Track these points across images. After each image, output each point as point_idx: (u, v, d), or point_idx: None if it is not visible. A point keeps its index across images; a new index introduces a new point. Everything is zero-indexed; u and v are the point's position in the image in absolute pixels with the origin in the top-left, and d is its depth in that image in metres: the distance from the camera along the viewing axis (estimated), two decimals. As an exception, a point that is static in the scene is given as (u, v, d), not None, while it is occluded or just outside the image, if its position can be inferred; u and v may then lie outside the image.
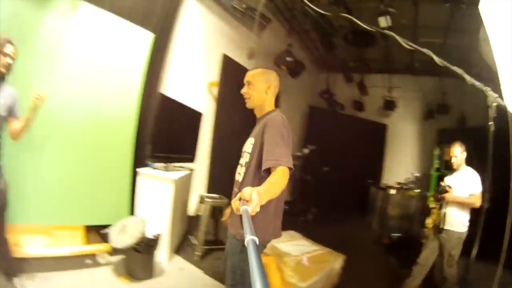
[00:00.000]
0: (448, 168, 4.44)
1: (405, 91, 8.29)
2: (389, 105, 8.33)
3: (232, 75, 5.23)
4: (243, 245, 1.68)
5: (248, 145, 1.88)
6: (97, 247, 3.19)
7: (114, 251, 3.16)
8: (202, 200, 3.92)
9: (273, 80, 1.94)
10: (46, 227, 2.97)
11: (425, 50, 2.51)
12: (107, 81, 3.26)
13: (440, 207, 3.27)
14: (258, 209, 1.22)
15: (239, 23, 5.25)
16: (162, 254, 3.42)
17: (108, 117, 3.32)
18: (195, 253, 3.69)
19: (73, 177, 3.10)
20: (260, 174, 1.69)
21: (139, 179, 3.54)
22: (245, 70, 5.40)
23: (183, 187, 3.77)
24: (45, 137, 2.90)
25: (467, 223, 3.13)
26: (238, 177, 1.92)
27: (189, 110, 4.18)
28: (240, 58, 5.44)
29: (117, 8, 3.44)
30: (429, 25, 5.53)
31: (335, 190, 7.72)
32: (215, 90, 5.25)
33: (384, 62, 7.92)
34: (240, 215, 1.10)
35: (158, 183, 3.47)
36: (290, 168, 1.60)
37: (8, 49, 2.17)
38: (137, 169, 3.55)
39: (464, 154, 3.25)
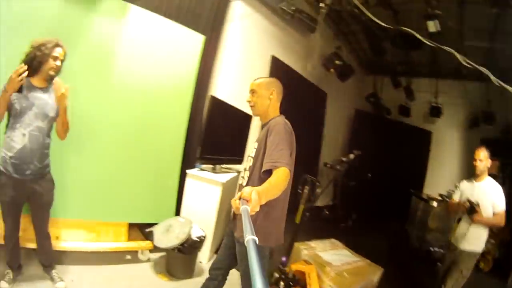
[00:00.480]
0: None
1: (451, 97, 7.72)
2: (435, 112, 7.85)
3: (281, 77, 5.10)
4: None
5: (252, 150, 1.97)
6: (139, 244, 3.20)
7: (155, 249, 3.16)
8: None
9: (275, 87, 2.05)
10: (89, 222, 3.02)
11: (447, 48, 2.38)
12: (158, 82, 3.27)
13: (458, 221, 3.07)
14: (257, 209, 1.23)
15: (287, 25, 5.19)
16: (203, 254, 3.42)
17: (159, 117, 3.32)
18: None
19: (121, 174, 3.13)
20: (263, 178, 1.70)
21: (187, 180, 3.55)
22: (294, 73, 5.39)
23: (229, 189, 3.72)
24: (95, 135, 2.95)
25: (485, 242, 2.95)
26: (242, 181, 2.00)
27: (239, 112, 4.12)
28: (289, 60, 5.34)
29: (166, 10, 3.47)
30: (476, 28, 5.15)
31: (377, 197, 7.39)
32: None
33: (430, 65, 7.47)
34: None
35: (206, 185, 3.45)
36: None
37: (57, 52, 2.21)
38: (186, 171, 3.55)
39: (489, 162, 2.97)
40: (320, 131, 7.00)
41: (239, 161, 4.35)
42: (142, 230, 3.38)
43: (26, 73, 2.02)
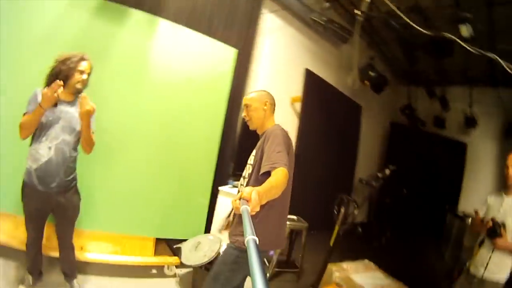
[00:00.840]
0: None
1: (486, 105, 7.16)
2: (470, 122, 7.30)
3: (315, 90, 5.03)
4: (238, 256, 1.79)
5: (250, 157, 2.01)
6: (165, 260, 3.12)
7: (182, 264, 3.06)
8: None
9: (268, 98, 2.07)
10: (115, 235, 2.98)
11: (490, 54, 2.18)
12: (190, 97, 3.22)
13: (480, 245, 2.46)
14: (258, 209, 1.22)
15: (319, 36, 5.08)
16: None
17: (191, 133, 3.27)
18: (266, 274, 3.50)
19: (150, 189, 3.08)
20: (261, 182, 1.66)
21: (219, 197, 3.46)
22: (328, 86, 5.24)
23: None
24: (125, 148, 2.93)
25: (510, 269, 2.37)
26: (241, 188, 2.01)
27: None
28: (323, 72, 5.21)
29: (196, 24, 3.44)
30: (507, 30, 4.82)
31: (412, 214, 7.01)
32: (298, 106, 5.02)
33: (463, 73, 7.07)
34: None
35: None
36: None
37: (83, 65, 2.19)
38: (219, 188, 3.46)
39: None
40: (355, 146, 6.78)
41: None
42: (169, 244, 3.31)
43: (62, 89, 2.00)
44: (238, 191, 1.89)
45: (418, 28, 3.58)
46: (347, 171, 6.48)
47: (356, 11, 3.92)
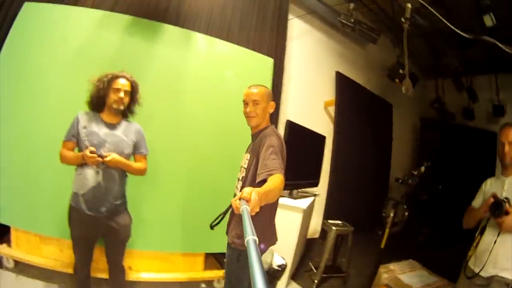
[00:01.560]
0: None
1: None
2: (498, 110, 7.00)
3: (347, 93, 4.93)
4: (240, 254, 1.82)
5: (244, 160, 1.98)
6: (215, 274, 3.07)
7: None
8: (326, 226, 3.62)
9: (271, 97, 2.04)
10: (164, 253, 2.95)
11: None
12: (231, 110, 3.08)
13: (482, 233, 2.01)
14: (257, 209, 1.21)
15: (346, 38, 5.00)
16: (281, 282, 3.22)
17: (235, 146, 3.09)
18: (314, 281, 3.42)
19: (198, 205, 3.03)
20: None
21: None
22: (359, 86, 5.14)
23: (307, 213, 3.53)
24: (171, 167, 2.90)
25: None
26: (236, 191, 2.03)
27: (313, 133, 3.93)
28: (352, 73, 5.11)
29: (228, 36, 3.44)
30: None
31: (449, 209, 6.80)
32: (332, 110, 4.94)
33: (488, 61, 6.83)
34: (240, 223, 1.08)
35: (286, 212, 3.23)
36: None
37: (119, 83, 2.09)
38: None
39: None
40: (388, 145, 6.61)
41: (316, 184, 4.14)
42: (217, 258, 3.26)
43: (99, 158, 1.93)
44: (235, 195, 1.95)
45: (451, 26, 3.46)
46: (382, 171, 6.31)
47: (402, 19, 3.81)
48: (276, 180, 1.56)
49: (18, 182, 2.70)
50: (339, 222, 3.65)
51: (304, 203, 3.32)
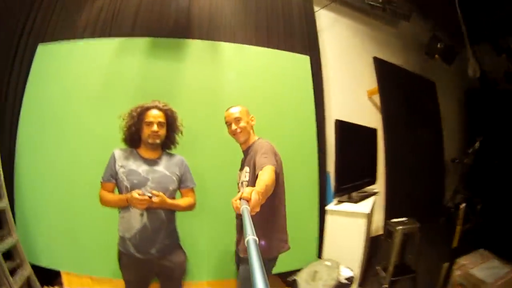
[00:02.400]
0: None
1: None
2: None
3: (388, 78, 4.56)
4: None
5: (245, 174, 1.95)
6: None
7: None
8: (390, 227, 3.24)
9: (249, 113, 2.11)
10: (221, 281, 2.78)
11: None
12: (275, 116, 2.95)
13: None
14: (258, 209, 1.20)
15: (376, 20, 4.65)
16: None
17: (286, 155, 2.95)
18: (383, 286, 3.11)
19: None
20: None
21: (327, 217, 3.07)
22: (399, 69, 4.70)
23: (371, 215, 3.25)
24: (218, 188, 2.69)
25: None
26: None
27: (364, 128, 3.62)
28: (389, 56, 4.72)
29: (257, 39, 3.19)
30: None
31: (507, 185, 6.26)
32: (376, 98, 4.54)
33: None
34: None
35: (348, 219, 2.97)
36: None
37: (151, 116, 1.91)
38: (326, 207, 3.09)
39: None
40: (438, 125, 6.10)
41: (373, 181, 3.83)
42: (282, 277, 3.00)
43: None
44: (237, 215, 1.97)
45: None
46: (436, 154, 5.83)
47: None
48: (266, 173, 1.59)
49: (64, 225, 2.68)
50: (404, 219, 3.25)
51: (366, 206, 3.01)
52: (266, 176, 1.54)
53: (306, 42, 3.43)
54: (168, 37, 2.87)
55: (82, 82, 2.72)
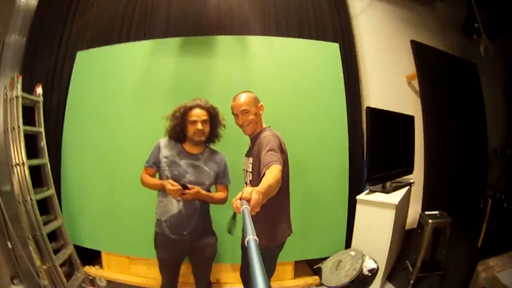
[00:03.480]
0: None
1: None
2: None
3: (427, 61, 4.33)
4: (266, 253, 1.67)
5: (248, 165, 1.98)
6: (305, 281, 2.93)
7: (323, 285, 2.76)
8: (422, 219, 3.13)
9: (258, 100, 2.04)
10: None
11: None
12: (307, 105, 2.97)
13: None
14: (258, 209, 1.19)
15: (412, 2, 4.42)
16: (375, 283, 2.83)
17: (317, 143, 2.97)
18: (410, 281, 3.01)
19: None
20: None
21: (358, 206, 3.02)
22: (437, 52, 4.38)
23: (402, 207, 3.11)
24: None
25: None
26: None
27: (398, 116, 3.45)
28: (427, 39, 4.48)
29: (287, 30, 3.19)
30: None
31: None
32: (416, 84, 4.32)
33: None
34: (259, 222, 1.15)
35: (375, 210, 2.89)
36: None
37: (193, 114, 1.99)
38: (356, 197, 3.03)
39: None
40: (481, 112, 5.59)
41: (410, 171, 3.67)
42: (309, 263, 3.08)
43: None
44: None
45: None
46: (479, 144, 5.38)
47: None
48: (273, 172, 1.56)
49: (105, 210, 2.94)
50: (436, 212, 3.08)
51: (396, 197, 2.88)
52: (271, 176, 1.52)
53: (338, 30, 3.36)
54: (200, 35, 2.93)
55: (121, 83, 2.89)
